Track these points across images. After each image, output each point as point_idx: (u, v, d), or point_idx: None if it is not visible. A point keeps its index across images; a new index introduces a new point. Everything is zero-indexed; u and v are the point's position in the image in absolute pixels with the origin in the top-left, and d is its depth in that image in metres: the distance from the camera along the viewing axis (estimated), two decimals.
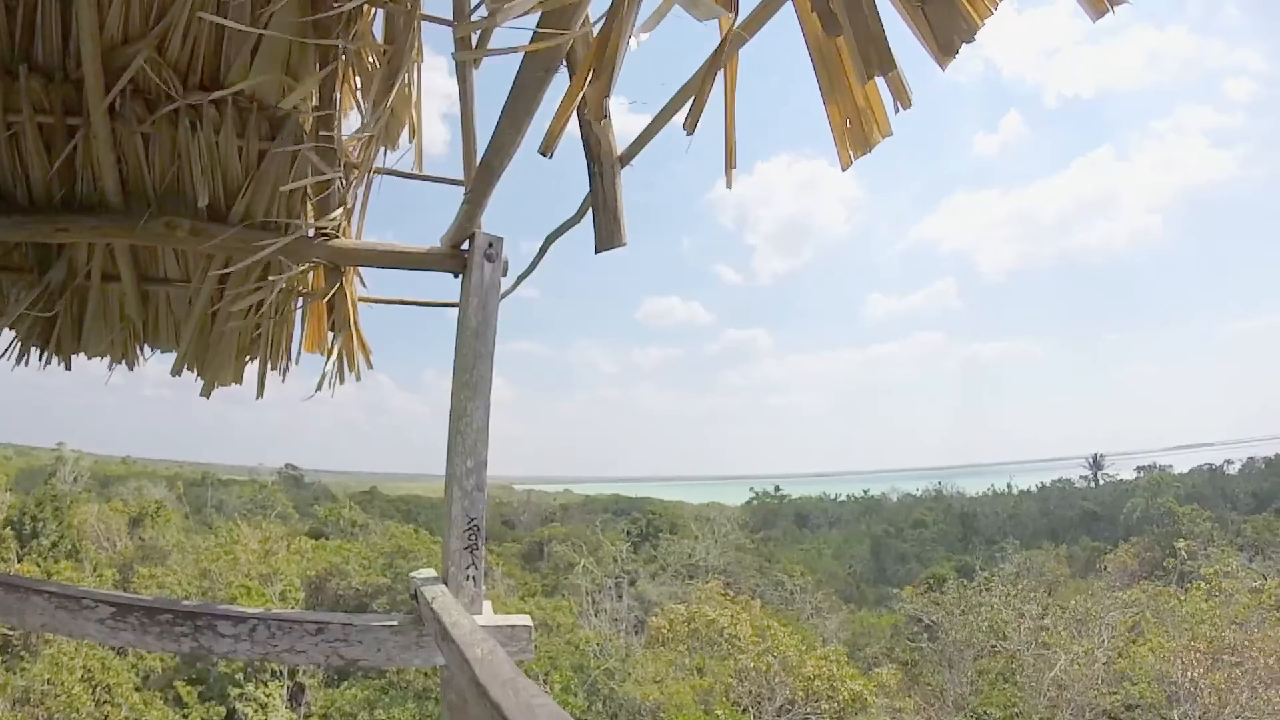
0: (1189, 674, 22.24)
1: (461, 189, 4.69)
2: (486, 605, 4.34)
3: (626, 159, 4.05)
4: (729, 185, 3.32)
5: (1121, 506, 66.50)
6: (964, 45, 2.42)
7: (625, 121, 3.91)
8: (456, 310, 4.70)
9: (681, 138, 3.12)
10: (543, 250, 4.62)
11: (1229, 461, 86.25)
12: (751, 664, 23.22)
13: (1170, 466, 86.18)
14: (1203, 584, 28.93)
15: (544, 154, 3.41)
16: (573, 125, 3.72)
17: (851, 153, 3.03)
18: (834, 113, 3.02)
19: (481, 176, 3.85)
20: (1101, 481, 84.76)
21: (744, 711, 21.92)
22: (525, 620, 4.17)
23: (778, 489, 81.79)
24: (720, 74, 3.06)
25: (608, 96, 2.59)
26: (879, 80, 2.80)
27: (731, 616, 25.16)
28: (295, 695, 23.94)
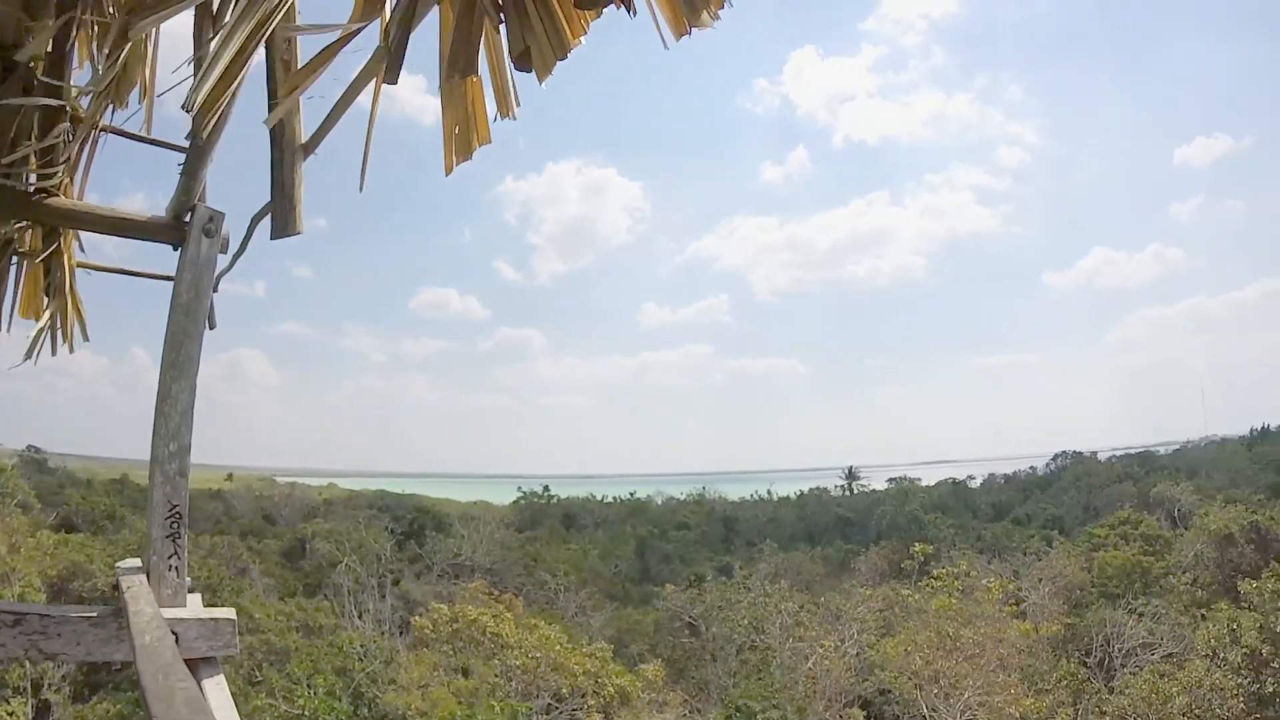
0: (928, 664, 24.06)
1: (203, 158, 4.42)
2: (195, 598, 4.10)
3: (310, 148, 3.99)
4: (360, 189, 3.41)
5: (873, 514, 71.71)
6: (558, 62, 2.58)
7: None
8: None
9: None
10: (249, 231, 4.43)
11: (971, 477, 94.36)
12: (517, 662, 23.16)
13: (919, 479, 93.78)
14: (935, 582, 31.37)
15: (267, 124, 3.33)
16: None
17: (455, 158, 3.15)
18: (448, 117, 3.10)
19: (194, 149, 3.67)
20: (855, 491, 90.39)
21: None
22: (229, 614, 3.96)
23: (546, 489, 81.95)
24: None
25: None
26: (488, 89, 2.97)
27: (494, 615, 25.03)
28: (41, 713, 21.83)
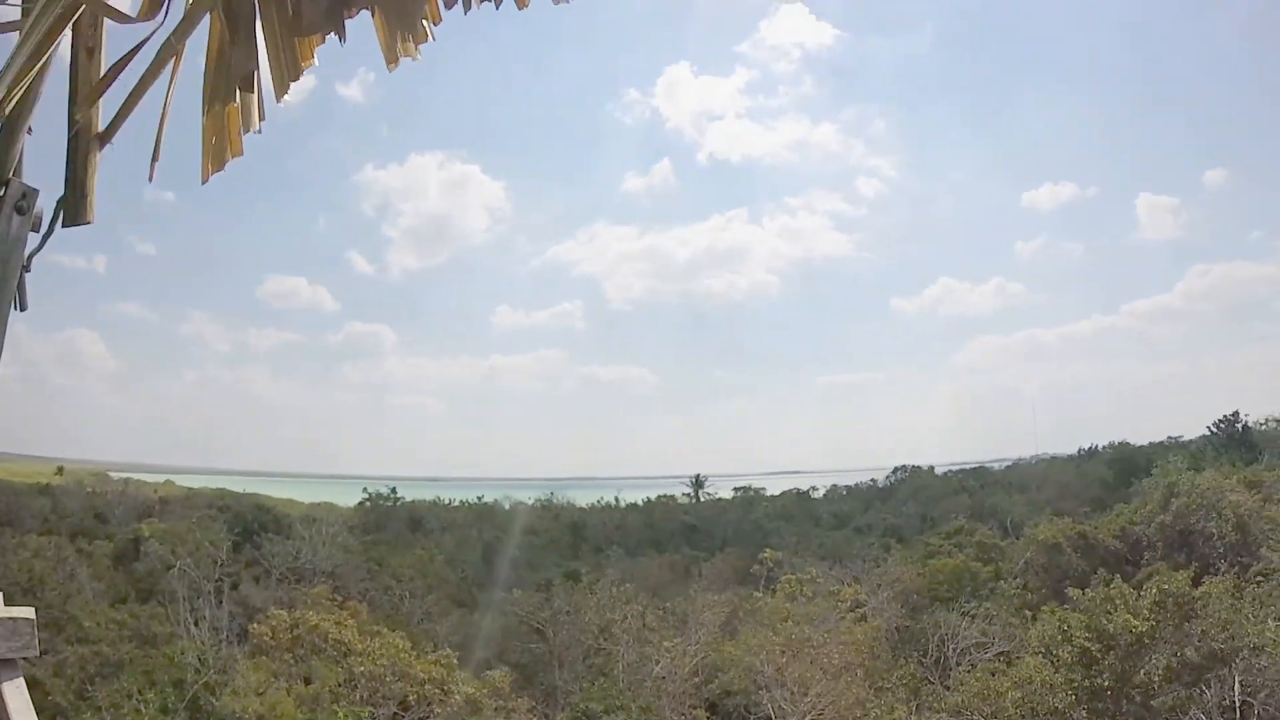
0: (773, 665, 24.80)
1: None
2: None
3: (106, 137, 3.89)
4: (150, 179, 3.44)
5: (719, 521, 73.43)
6: (293, 81, 2.94)
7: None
8: None
9: (340, 112, 3.21)
10: (55, 214, 4.24)
11: (814, 488, 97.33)
12: (362, 669, 22.69)
13: (764, 489, 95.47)
14: (784, 587, 32.32)
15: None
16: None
17: (211, 166, 3.31)
18: (207, 126, 3.25)
19: (7, 121, 3.49)
20: (702, 499, 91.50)
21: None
22: (28, 613, 3.79)
23: (393, 491, 79.71)
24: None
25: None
26: (239, 101, 3.17)
27: (337, 622, 24.44)
28: None
